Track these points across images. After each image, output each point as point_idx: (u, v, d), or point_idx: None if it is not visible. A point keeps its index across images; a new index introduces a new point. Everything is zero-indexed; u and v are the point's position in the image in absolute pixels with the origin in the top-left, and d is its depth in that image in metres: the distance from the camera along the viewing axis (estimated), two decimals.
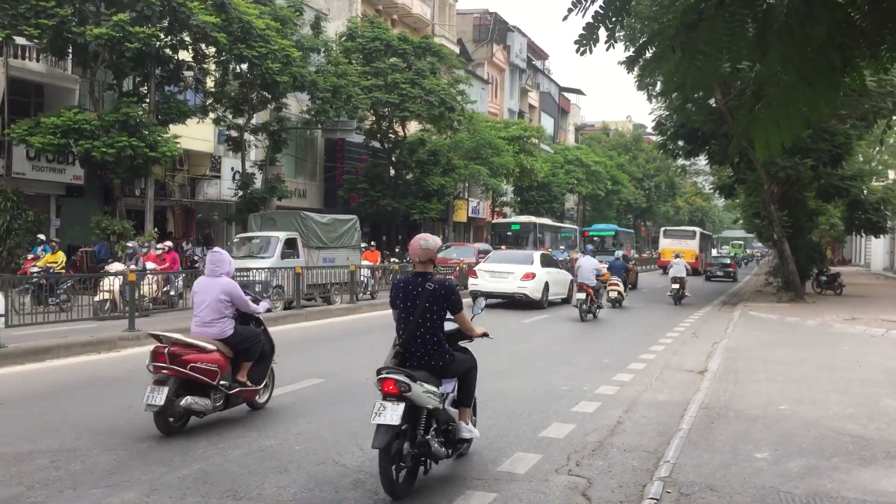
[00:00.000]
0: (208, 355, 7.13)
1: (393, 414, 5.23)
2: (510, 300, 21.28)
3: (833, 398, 9.26)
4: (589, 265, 19.18)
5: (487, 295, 19.98)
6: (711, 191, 47.28)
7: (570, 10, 4.22)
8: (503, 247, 33.66)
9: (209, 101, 26.56)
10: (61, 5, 19.92)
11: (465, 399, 6.09)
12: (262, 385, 7.95)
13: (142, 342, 12.75)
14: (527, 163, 46.34)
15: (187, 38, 22.79)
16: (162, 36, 21.99)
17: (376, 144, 37.17)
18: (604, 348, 13.70)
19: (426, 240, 5.84)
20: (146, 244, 20.04)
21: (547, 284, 21.86)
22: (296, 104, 31.85)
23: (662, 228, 55.28)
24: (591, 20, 4.08)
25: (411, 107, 33.51)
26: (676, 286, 24.85)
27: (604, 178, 61.79)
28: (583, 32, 4.14)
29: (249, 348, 7.65)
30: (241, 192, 27.75)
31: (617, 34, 4.23)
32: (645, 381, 10.46)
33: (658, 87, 25.86)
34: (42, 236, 20.45)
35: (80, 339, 12.10)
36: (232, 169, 30.08)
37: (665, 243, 48.63)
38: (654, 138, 44.48)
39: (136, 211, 24.85)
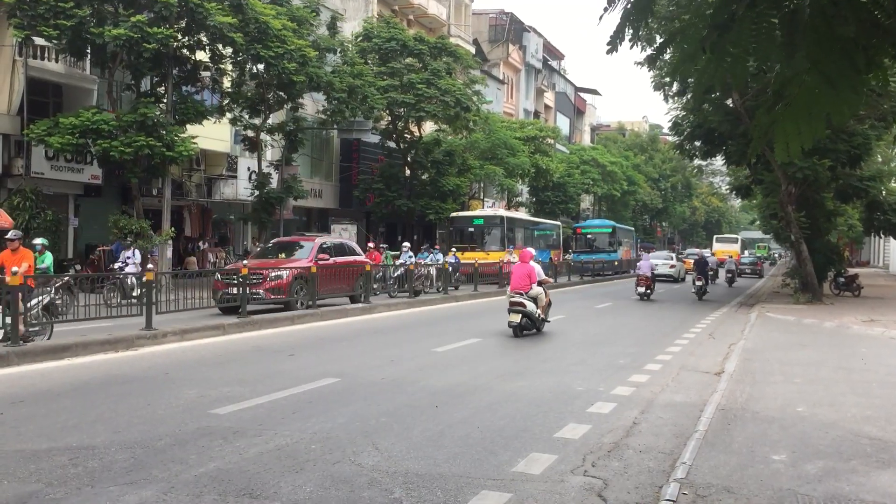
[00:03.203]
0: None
1: (698, 283, 27.67)
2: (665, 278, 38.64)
3: (851, 400, 9.18)
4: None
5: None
6: (728, 191, 49.43)
7: (605, 10, 4.31)
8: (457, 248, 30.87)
9: (226, 102, 26.72)
10: (80, 6, 20.10)
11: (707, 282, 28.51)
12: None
13: (158, 340, 12.87)
14: (542, 163, 46.36)
15: (204, 39, 22.92)
16: (179, 37, 22.16)
17: (392, 144, 37.24)
18: (619, 349, 13.65)
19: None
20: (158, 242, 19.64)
21: (680, 270, 41.66)
22: (312, 104, 31.97)
23: (715, 236, 77.69)
24: (621, 19, 4.09)
25: (427, 107, 33.56)
26: (729, 275, 38.69)
27: (619, 179, 61.65)
28: (614, 32, 4.15)
29: None
30: (257, 192, 27.89)
31: (640, 33, 4.24)
32: (661, 382, 10.41)
33: (675, 87, 25.79)
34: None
35: (99, 337, 12.18)
36: (248, 169, 30.22)
37: (717, 246, 67.80)
38: (670, 139, 44.77)
39: (154, 210, 25.04)
